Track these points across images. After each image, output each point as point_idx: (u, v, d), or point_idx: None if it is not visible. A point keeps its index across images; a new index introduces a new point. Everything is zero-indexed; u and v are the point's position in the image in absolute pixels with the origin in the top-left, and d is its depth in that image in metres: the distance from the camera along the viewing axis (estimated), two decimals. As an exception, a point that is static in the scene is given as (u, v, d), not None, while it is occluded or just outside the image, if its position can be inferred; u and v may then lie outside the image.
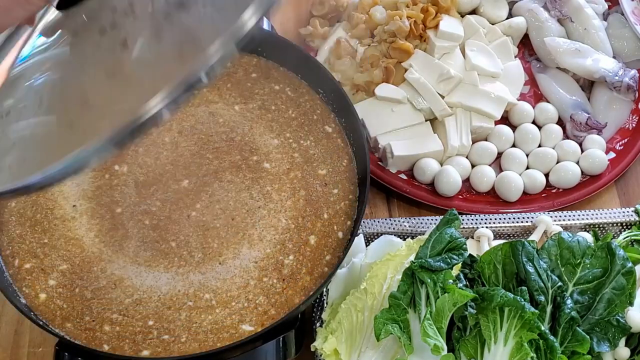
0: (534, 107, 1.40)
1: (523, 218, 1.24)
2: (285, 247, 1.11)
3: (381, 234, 1.21)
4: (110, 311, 1.06)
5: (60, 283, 1.08)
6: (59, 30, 0.87)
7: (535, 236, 1.20)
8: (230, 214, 1.13)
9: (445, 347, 1.01)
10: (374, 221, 1.22)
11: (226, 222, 1.12)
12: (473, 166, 1.34)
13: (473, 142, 1.34)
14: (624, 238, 1.20)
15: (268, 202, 1.14)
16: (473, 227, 1.22)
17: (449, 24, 1.39)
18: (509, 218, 1.24)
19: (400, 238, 1.20)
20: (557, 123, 1.39)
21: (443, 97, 1.35)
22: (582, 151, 1.36)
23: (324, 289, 1.14)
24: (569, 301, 1.03)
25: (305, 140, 1.20)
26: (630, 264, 1.07)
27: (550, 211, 1.27)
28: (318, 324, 1.12)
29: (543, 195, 1.33)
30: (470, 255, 1.08)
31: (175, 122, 1.21)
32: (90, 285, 1.08)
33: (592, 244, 1.11)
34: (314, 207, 1.14)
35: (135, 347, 1.04)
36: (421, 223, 1.22)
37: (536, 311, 0.99)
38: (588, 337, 1.02)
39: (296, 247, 1.11)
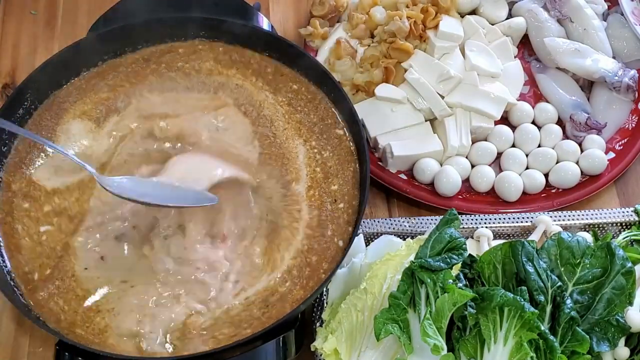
0: (533, 107, 1.40)
1: (523, 218, 1.24)
2: (291, 274, 1.11)
3: (381, 234, 1.21)
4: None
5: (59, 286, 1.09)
6: None
7: (535, 236, 1.20)
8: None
9: (445, 347, 1.01)
10: (374, 221, 1.22)
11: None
12: (473, 166, 1.34)
13: (473, 142, 1.34)
14: (624, 238, 1.20)
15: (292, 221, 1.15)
16: (473, 227, 1.22)
17: (448, 24, 1.40)
18: (509, 218, 1.24)
19: (400, 238, 1.20)
20: (556, 123, 1.39)
21: (443, 97, 1.35)
22: (582, 151, 1.36)
23: (324, 289, 1.14)
24: (568, 301, 1.03)
25: (325, 150, 1.20)
26: (629, 264, 1.07)
27: (550, 211, 1.27)
28: (318, 324, 1.12)
29: (543, 195, 1.33)
30: (470, 255, 1.08)
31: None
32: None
33: (592, 244, 1.11)
34: (322, 228, 1.14)
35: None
36: (421, 223, 1.22)
37: (536, 311, 0.99)
38: (588, 336, 1.02)
39: (299, 270, 1.11)
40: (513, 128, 1.38)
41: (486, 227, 1.22)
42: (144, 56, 1.27)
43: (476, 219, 1.23)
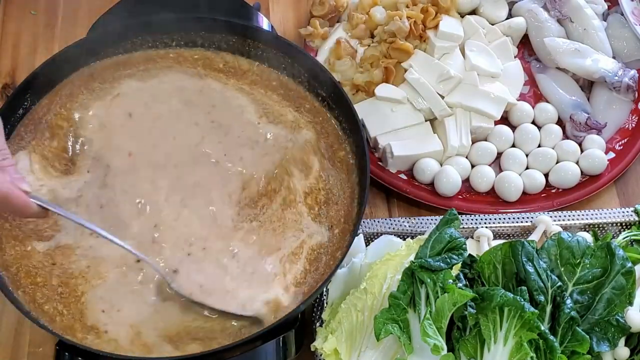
0: (533, 107, 1.40)
1: (523, 218, 1.24)
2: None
3: (381, 234, 1.21)
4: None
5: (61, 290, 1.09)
6: None
7: (535, 236, 1.20)
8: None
9: (445, 347, 1.01)
10: (374, 221, 1.22)
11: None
12: (473, 166, 1.34)
13: (473, 142, 1.34)
14: (624, 238, 1.21)
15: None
16: (473, 227, 1.22)
17: (448, 24, 1.40)
18: (509, 218, 1.24)
19: (400, 238, 1.20)
20: (556, 123, 1.39)
21: (443, 97, 1.35)
22: (582, 151, 1.36)
23: (324, 289, 1.14)
24: (568, 301, 1.03)
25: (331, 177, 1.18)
26: (629, 264, 1.07)
27: (550, 211, 1.27)
28: (318, 324, 1.12)
29: (543, 195, 1.33)
30: (470, 255, 1.08)
31: None
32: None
33: (592, 244, 1.11)
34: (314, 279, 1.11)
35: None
36: (421, 223, 1.22)
37: (536, 311, 0.99)
38: (588, 336, 1.02)
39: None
40: (513, 128, 1.38)
41: (486, 227, 1.22)
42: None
43: (476, 219, 1.23)
